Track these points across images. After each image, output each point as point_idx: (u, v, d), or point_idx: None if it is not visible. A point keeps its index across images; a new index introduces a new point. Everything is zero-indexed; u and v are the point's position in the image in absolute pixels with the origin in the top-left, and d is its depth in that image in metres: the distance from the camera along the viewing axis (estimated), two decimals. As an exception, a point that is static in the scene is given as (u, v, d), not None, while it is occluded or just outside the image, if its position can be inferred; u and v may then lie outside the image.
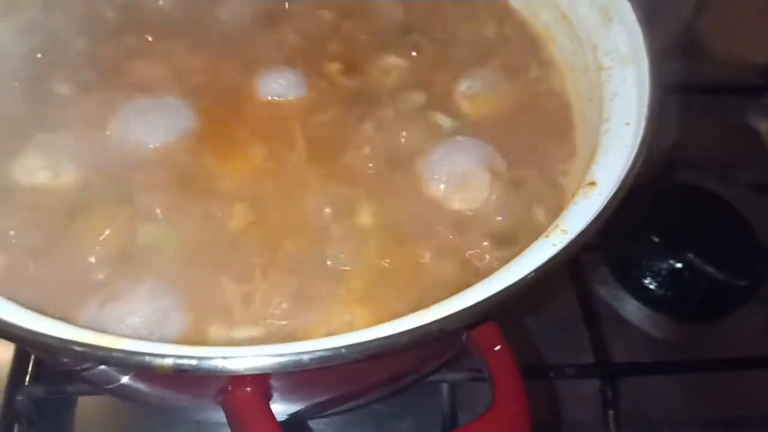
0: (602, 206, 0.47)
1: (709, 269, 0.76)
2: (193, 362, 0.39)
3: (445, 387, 0.67)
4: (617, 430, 0.66)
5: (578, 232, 0.46)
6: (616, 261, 0.80)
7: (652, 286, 0.78)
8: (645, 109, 0.53)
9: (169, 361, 0.39)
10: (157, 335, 0.48)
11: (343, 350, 0.39)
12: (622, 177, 0.49)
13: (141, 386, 0.51)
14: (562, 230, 0.46)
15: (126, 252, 0.52)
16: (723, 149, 0.90)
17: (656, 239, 0.78)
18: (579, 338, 0.71)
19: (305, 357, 0.39)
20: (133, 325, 0.47)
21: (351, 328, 0.42)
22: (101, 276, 0.51)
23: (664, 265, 0.78)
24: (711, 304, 0.79)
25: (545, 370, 0.70)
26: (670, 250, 0.78)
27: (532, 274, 0.43)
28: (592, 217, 0.47)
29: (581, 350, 0.70)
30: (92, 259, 0.52)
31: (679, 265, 0.78)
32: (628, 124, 0.53)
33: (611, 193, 0.48)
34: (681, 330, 0.77)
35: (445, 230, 0.55)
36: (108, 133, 0.58)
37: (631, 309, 0.78)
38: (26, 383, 0.66)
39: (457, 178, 0.57)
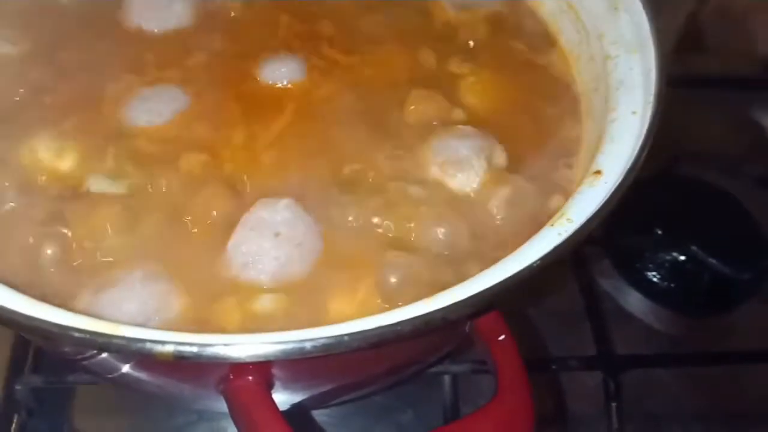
0: (608, 195, 0.47)
1: (713, 262, 0.76)
2: (194, 349, 0.38)
3: (447, 379, 0.67)
4: (619, 422, 0.66)
5: (584, 221, 0.45)
6: (620, 253, 0.80)
7: (655, 279, 0.78)
8: (651, 98, 0.53)
9: (169, 348, 0.38)
10: (156, 321, 0.47)
11: (346, 338, 0.39)
12: (628, 166, 0.48)
13: (141, 375, 0.50)
14: (568, 219, 0.46)
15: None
16: (728, 143, 0.90)
17: (660, 232, 0.78)
18: (582, 331, 0.71)
19: (308, 344, 0.39)
20: (129, 312, 0.47)
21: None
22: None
23: (668, 258, 0.78)
24: (714, 298, 0.78)
25: (548, 363, 0.70)
26: (673, 243, 0.78)
27: (538, 262, 0.43)
28: (598, 206, 0.46)
29: (584, 343, 0.70)
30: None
31: (682, 257, 0.77)
32: (634, 113, 0.53)
33: (617, 182, 0.47)
34: (684, 323, 0.77)
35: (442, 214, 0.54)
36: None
37: (634, 301, 0.78)
38: (25, 373, 0.65)
39: (454, 165, 0.56)
